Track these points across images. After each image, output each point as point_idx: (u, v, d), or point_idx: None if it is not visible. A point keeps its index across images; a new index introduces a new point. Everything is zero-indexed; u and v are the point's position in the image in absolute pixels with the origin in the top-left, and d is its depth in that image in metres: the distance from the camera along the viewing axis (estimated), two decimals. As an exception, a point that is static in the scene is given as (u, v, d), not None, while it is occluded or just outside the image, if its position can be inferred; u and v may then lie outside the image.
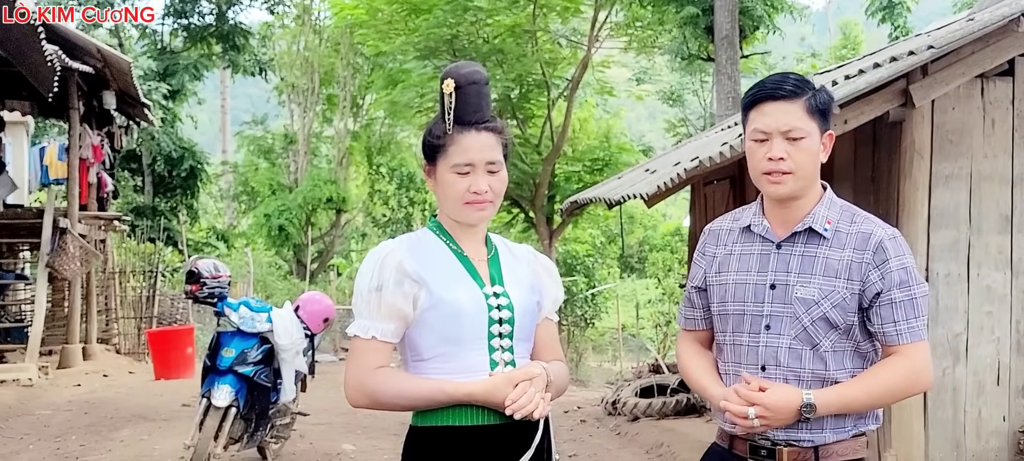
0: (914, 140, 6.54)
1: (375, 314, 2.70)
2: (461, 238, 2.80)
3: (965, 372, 6.78)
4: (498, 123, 2.79)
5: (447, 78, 2.72)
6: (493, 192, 2.74)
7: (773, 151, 2.77)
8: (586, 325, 26.89)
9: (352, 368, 2.74)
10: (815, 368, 2.80)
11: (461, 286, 2.72)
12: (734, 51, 16.69)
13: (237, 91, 47.75)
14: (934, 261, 6.66)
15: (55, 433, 9.81)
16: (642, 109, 46.61)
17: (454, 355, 2.71)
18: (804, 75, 2.94)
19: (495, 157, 2.74)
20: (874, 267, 2.79)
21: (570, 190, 18.26)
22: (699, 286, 3.02)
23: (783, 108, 2.78)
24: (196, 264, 7.54)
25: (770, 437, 2.82)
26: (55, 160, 17.92)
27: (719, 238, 3.00)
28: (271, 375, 7.34)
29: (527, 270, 2.90)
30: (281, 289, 26.40)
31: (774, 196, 2.84)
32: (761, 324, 2.84)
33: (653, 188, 8.79)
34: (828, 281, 2.79)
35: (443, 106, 2.72)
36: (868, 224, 2.87)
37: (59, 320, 15.69)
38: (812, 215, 2.85)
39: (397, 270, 2.69)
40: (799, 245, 2.85)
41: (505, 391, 2.66)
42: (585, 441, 9.90)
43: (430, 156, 2.78)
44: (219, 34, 28.27)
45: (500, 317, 2.73)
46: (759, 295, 2.85)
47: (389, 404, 2.72)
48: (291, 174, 31.75)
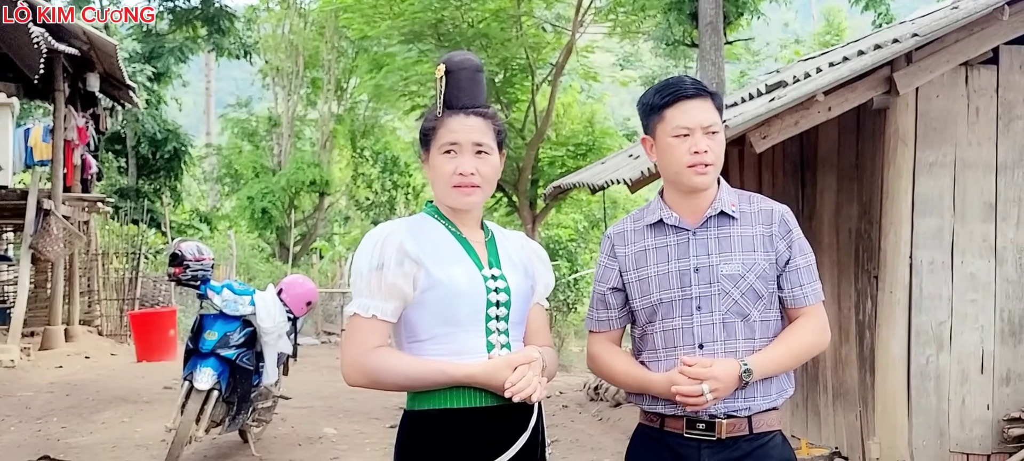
0: (898, 127, 6.55)
1: (376, 293, 2.70)
2: (459, 222, 2.83)
3: (949, 360, 6.76)
4: (490, 110, 2.83)
5: (440, 64, 2.79)
6: (481, 176, 2.75)
7: (698, 145, 2.95)
8: (569, 310, 26.92)
9: (351, 347, 2.73)
10: (747, 338, 2.98)
11: (460, 267, 2.74)
12: (718, 37, 16.65)
13: (222, 74, 47.53)
14: (918, 248, 6.66)
15: (37, 415, 9.81)
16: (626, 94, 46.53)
17: (451, 336, 2.72)
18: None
19: (483, 139, 2.76)
20: (781, 238, 3.03)
21: (554, 175, 18.30)
22: (615, 287, 3.12)
23: (701, 105, 2.98)
24: (179, 246, 7.52)
25: (708, 410, 2.95)
26: (40, 141, 17.82)
27: (626, 238, 3.13)
28: (253, 358, 7.34)
29: (521, 255, 2.94)
30: (264, 272, 26.40)
31: (700, 186, 2.99)
32: (692, 306, 2.98)
33: (637, 173, 8.67)
34: (747, 255, 2.99)
35: (437, 92, 2.78)
36: (766, 202, 3.10)
37: (42, 301, 15.72)
38: (719, 200, 3.03)
39: (398, 250, 2.70)
40: (713, 228, 3.02)
41: (504, 374, 2.68)
42: (567, 426, 9.91)
43: (424, 142, 2.82)
44: (204, 17, 28.12)
45: (498, 300, 2.76)
46: (685, 280, 2.99)
47: (387, 384, 2.73)
48: (275, 157, 31.73)
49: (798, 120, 6.44)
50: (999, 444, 6.75)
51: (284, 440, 8.73)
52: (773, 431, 3.03)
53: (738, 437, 2.97)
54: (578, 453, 8.65)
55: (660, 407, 3.04)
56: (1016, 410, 6.74)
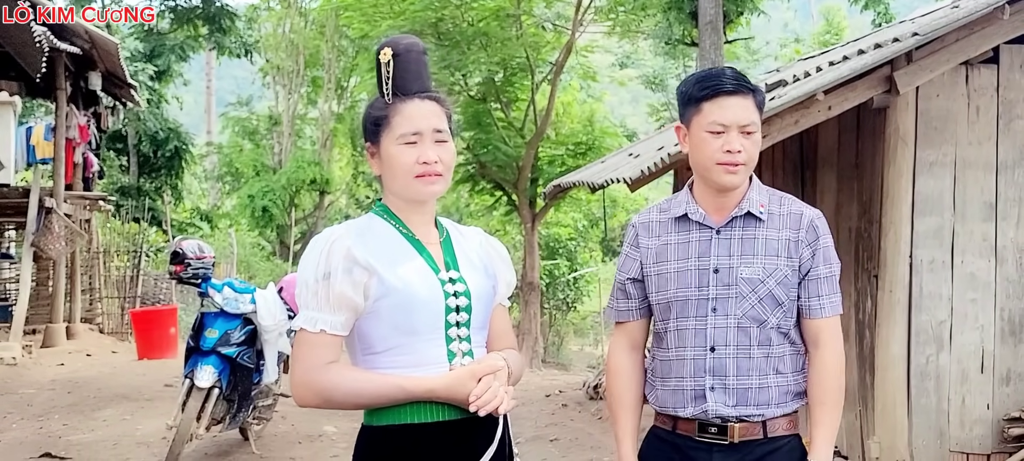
0: (898, 127, 6.55)
1: (323, 305, 2.50)
2: (411, 221, 2.63)
3: (949, 360, 6.75)
4: (441, 94, 2.66)
5: (384, 48, 2.60)
6: (443, 164, 2.58)
7: (732, 144, 2.87)
8: (568, 309, 26.97)
9: (300, 365, 2.53)
10: (762, 344, 2.92)
11: (415, 272, 2.55)
12: (718, 36, 16.63)
13: (222, 72, 47.52)
14: (918, 248, 6.66)
15: (38, 412, 9.83)
16: (625, 93, 46.60)
17: (409, 347, 2.54)
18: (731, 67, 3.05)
19: (442, 125, 2.59)
20: (807, 244, 2.95)
21: (553, 173, 18.28)
22: (635, 277, 3.07)
23: (741, 103, 2.89)
24: (181, 244, 7.53)
25: (721, 413, 2.91)
26: (42, 140, 17.85)
27: (651, 229, 3.06)
28: (254, 356, 7.35)
29: (479, 252, 2.75)
30: (264, 270, 26.40)
31: (728, 186, 2.93)
32: (707, 307, 2.93)
33: (637, 172, 8.51)
34: (770, 260, 2.92)
35: (381, 78, 2.60)
36: (797, 205, 3.02)
37: (43, 299, 15.68)
38: (747, 199, 2.96)
39: (346, 257, 2.50)
40: (738, 229, 2.95)
41: (468, 386, 2.52)
42: (566, 425, 9.87)
43: (372, 134, 2.63)
44: (205, 16, 28.15)
45: (457, 305, 2.58)
46: (703, 279, 2.93)
47: (342, 403, 2.53)
48: (275, 155, 31.78)
49: (798, 119, 6.46)
50: (999, 444, 6.74)
51: (284, 438, 8.72)
52: (789, 435, 2.98)
53: (752, 441, 2.93)
54: (577, 452, 8.64)
55: (670, 407, 3.00)
56: (1016, 410, 6.74)
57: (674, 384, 2.99)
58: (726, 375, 2.92)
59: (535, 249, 20.10)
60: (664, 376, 3.04)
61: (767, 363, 2.94)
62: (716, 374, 2.92)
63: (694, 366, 2.95)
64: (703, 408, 2.92)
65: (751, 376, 2.92)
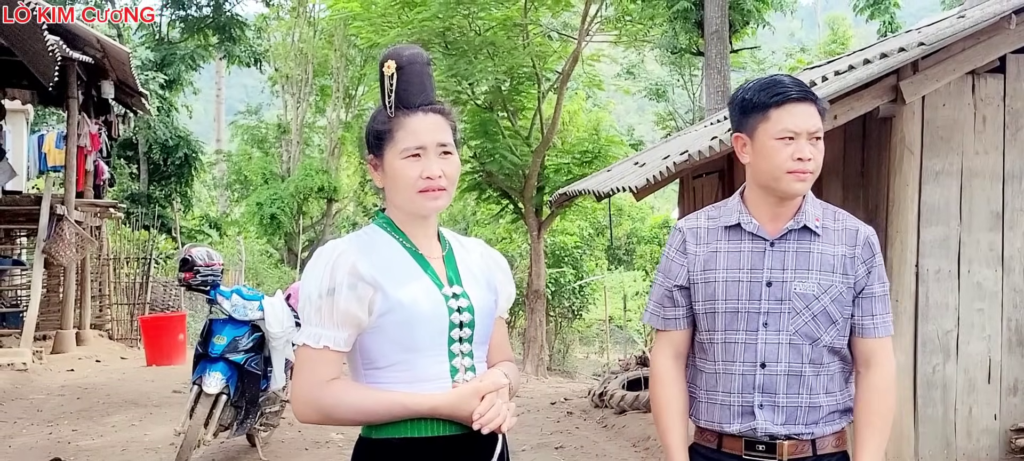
0: (904, 136, 6.48)
1: (327, 321, 2.46)
2: (414, 234, 2.59)
3: (955, 370, 6.68)
4: (445, 106, 2.60)
5: (387, 60, 2.55)
6: (447, 178, 2.53)
7: (803, 151, 2.80)
8: (573, 317, 26.98)
9: (302, 381, 2.50)
10: (813, 362, 2.84)
11: (419, 288, 2.51)
12: (724, 46, 16.68)
13: (232, 81, 47.79)
14: (924, 257, 6.59)
15: (48, 417, 9.90)
16: (631, 102, 46.64)
17: (412, 363, 2.50)
18: (788, 75, 3.02)
19: (446, 139, 2.54)
20: (862, 262, 2.88)
21: (559, 182, 18.29)
22: (682, 284, 2.97)
23: (808, 110, 2.83)
24: (190, 252, 7.58)
25: (770, 431, 2.84)
26: (53, 148, 18.03)
27: (699, 236, 2.97)
28: (261, 363, 7.38)
29: (481, 265, 2.71)
30: (272, 277, 26.50)
31: (797, 193, 2.86)
32: (759, 321, 2.84)
33: (643, 181, 8.67)
34: (825, 276, 2.84)
35: (384, 90, 2.55)
36: (851, 221, 2.95)
37: (54, 305, 15.81)
38: (803, 212, 2.89)
39: (350, 272, 2.45)
40: (792, 242, 2.87)
41: (471, 404, 2.49)
42: (572, 433, 9.86)
43: (375, 146, 2.58)
44: (216, 25, 28.36)
45: (461, 320, 2.54)
46: (755, 292, 2.85)
47: (344, 420, 2.50)
48: (284, 163, 31.88)
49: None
50: (1006, 455, 6.67)
51: (291, 444, 8.76)
52: (838, 453, 2.92)
53: (801, 459, 2.87)
54: (582, 460, 8.66)
55: (716, 422, 2.92)
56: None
57: (721, 398, 2.91)
58: (776, 393, 2.84)
59: (541, 257, 20.12)
60: (709, 389, 2.95)
61: (818, 382, 2.86)
62: (766, 391, 2.85)
63: (743, 382, 2.86)
64: (751, 425, 2.85)
65: (801, 394, 2.84)
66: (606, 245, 31.71)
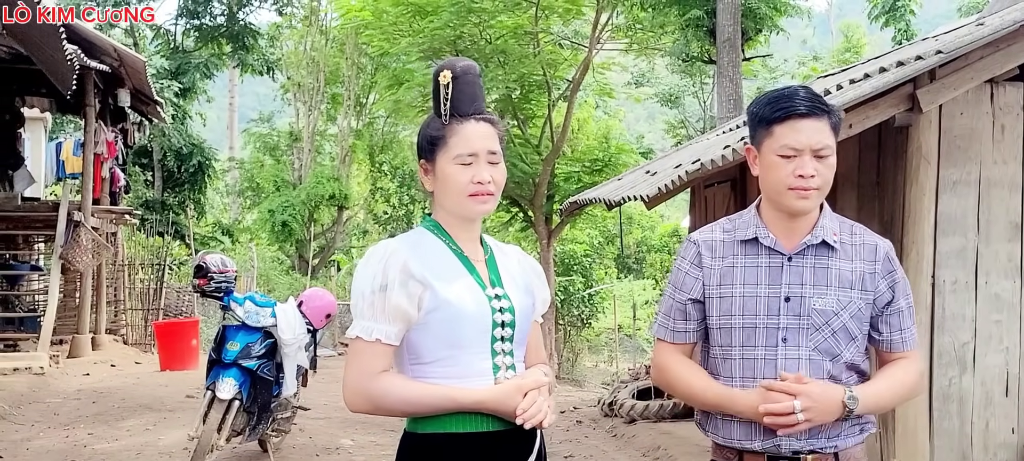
0: (921, 145, 6.36)
1: (379, 315, 2.58)
2: (460, 238, 2.71)
3: (972, 382, 6.54)
4: (494, 116, 2.73)
5: (443, 70, 2.67)
6: (495, 184, 2.65)
7: (805, 168, 2.75)
8: (583, 325, 26.96)
9: (354, 372, 2.61)
10: (834, 378, 2.80)
11: (465, 288, 2.63)
12: (736, 53, 16.61)
13: (245, 89, 47.95)
14: (941, 268, 6.47)
15: (64, 421, 9.97)
16: (641, 111, 46.64)
17: (456, 359, 2.61)
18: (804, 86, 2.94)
19: (495, 147, 2.67)
20: (883, 277, 2.84)
21: (569, 190, 18.32)
22: (696, 298, 2.92)
23: (814, 126, 2.76)
24: (204, 258, 7.65)
25: (793, 447, 2.79)
26: (71, 155, 18.25)
27: (715, 249, 2.92)
28: (273, 369, 7.40)
29: (519, 270, 2.83)
30: (283, 284, 26.57)
31: (800, 211, 2.81)
32: (777, 337, 2.81)
33: (654, 190, 8.67)
34: (844, 292, 2.80)
35: (438, 99, 2.66)
36: (869, 235, 2.91)
37: (70, 310, 15.91)
38: (820, 227, 2.84)
39: (402, 270, 2.58)
40: (810, 257, 2.82)
41: (515, 400, 2.60)
42: (581, 442, 9.84)
43: (428, 151, 2.69)
44: (229, 34, 28.62)
45: (503, 320, 2.66)
46: (772, 308, 2.81)
47: (392, 410, 2.62)
48: (295, 171, 32.03)
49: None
50: None
51: (302, 450, 8.77)
52: None
53: None
54: (592, 468, 8.65)
55: (737, 440, 2.86)
56: (1043, 434, 6.59)
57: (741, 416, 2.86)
58: None
59: (550, 265, 20.13)
60: None
61: None
62: None
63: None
64: (775, 442, 2.80)
65: None
66: (616, 254, 31.81)
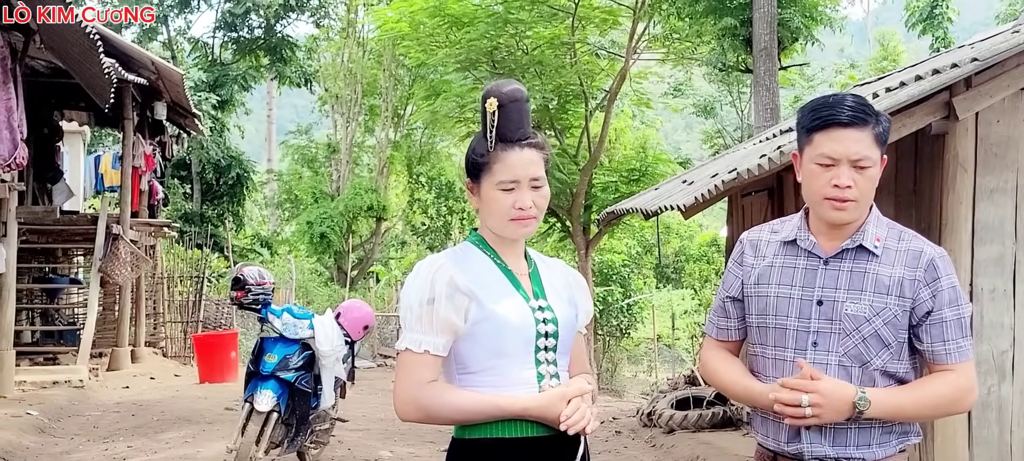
0: (957, 153, 6.34)
1: (428, 328, 2.67)
2: (504, 253, 2.79)
3: (1011, 390, 6.46)
4: (539, 139, 2.78)
5: (490, 97, 2.72)
6: (537, 208, 2.73)
7: (841, 179, 2.71)
8: (621, 335, 26.89)
9: (404, 382, 2.70)
10: (863, 385, 2.74)
11: (509, 300, 2.71)
12: (772, 63, 16.53)
13: (283, 101, 48.34)
14: (979, 276, 6.42)
15: (104, 434, 10.02)
16: (678, 120, 46.51)
17: (502, 369, 2.70)
18: (854, 94, 2.86)
19: (538, 173, 2.73)
20: (925, 285, 2.76)
21: (607, 200, 18.28)
22: (735, 296, 2.95)
23: (854, 136, 2.71)
24: (242, 271, 7.64)
25: (817, 454, 2.78)
26: (109, 168, 18.43)
27: (758, 249, 2.93)
28: (312, 381, 7.38)
29: (563, 283, 2.90)
30: (322, 295, 26.65)
31: (835, 221, 2.78)
32: (808, 340, 2.79)
33: (691, 199, 8.63)
34: (879, 298, 2.74)
35: (486, 124, 2.72)
36: (917, 242, 2.83)
37: (109, 323, 16.04)
38: (862, 231, 2.80)
39: (449, 284, 2.66)
40: (847, 261, 2.79)
41: (559, 407, 2.67)
42: (620, 452, 9.83)
43: (474, 173, 2.77)
44: (267, 47, 28.85)
45: (546, 331, 2.74)
46: (805, 311, 2.80)
47: (442, 419, 2.70)
48: (333, 183, 32.18)
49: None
50: None
51: (341, 462, 8.77)
52: None
53: None
54: (630, 478, 8.60)
55: (771, 440, 2.88)
56: (1081, 443, 6.45)
57: (774, 416, 2.84)
58: None
59: (589, 275, 20.05)
60: None
61: None
62: None
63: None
64: (798, 448, 2.81)
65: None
66: (654, 263, 31.63)
